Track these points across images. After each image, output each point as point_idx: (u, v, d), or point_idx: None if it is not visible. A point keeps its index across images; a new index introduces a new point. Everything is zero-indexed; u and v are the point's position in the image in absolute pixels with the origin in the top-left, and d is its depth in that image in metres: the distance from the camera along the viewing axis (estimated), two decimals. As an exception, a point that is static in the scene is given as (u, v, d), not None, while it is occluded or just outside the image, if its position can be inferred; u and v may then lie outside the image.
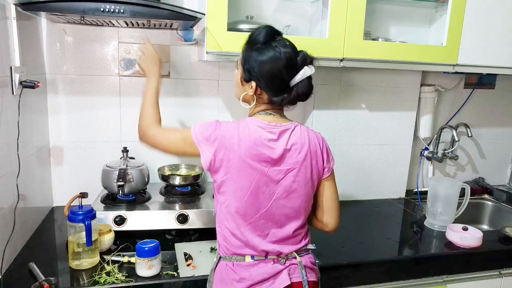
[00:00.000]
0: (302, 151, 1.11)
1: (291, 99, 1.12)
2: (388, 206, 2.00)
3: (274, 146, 1.08)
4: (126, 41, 1.72)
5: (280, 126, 1.11)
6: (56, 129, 1.72)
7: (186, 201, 1.60)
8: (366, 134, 1.99)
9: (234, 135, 1.07)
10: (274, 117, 1.13)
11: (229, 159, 1.06)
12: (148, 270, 1.22)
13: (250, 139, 1.07)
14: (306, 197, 1.14)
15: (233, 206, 1.09)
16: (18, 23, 1.33)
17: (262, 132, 1.08)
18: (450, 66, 1.73)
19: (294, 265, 1.12)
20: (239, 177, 1.07)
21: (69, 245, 1.27)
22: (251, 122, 1.11)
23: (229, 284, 1.09)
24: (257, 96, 1.13)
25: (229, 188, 1.08)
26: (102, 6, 1.26)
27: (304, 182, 1.12)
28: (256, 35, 1.11)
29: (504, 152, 2.35)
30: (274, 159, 1.08)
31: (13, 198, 1.28)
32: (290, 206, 1.11)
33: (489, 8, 1.71)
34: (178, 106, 1.82)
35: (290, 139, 1.10)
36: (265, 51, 1.08)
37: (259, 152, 1.06)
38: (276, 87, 1.10)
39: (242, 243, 1.10)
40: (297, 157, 1.10)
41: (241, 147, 1.06)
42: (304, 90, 1.11)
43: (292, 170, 1.10)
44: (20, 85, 1.30)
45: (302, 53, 1.10)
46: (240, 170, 1.06)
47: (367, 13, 1.58)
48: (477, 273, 1.56)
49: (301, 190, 1.12)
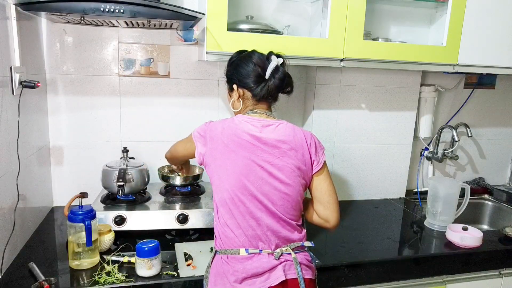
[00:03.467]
0: (286, 142, 1.17)
1: (270, 89, 1.21)
2: (388, 206, 2.00)
3: (257, 135, 1.16)
4: (126, 41, 1.72)
5: (264, 121, 1.20)
6: (56, 129, 1.72)
7: (186, 201, 1.60)
8: (366, 134, 1.99)
9: (219, 127, 1.19)
10: (260, 115, 1.23)
11: (215, 147, 1.16)
12: (148, 270, 1.22)
13: (232, 128, 1.17)
14: (292, 186, 1.16)
15: (223, 192, 1.14)
16: (18, 23, 1.33)
17: (246, 125, 1.18)
18: (450, 66, 1.73)
19: (289, 262, 1.13)
20: (225, 163, 1.14)
21: (69, 245, 1.27)
22: (237, 117, 1.22)
23: (223, 277, 1.11)
24: (242, 98, 1.25)
25: (218, 175, 1.15)
26: (102, 6, 1.26)
27: (290, 171, 1.15)
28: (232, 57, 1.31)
29: (504, 152, 2.36)
30: (258, 146, 1.14)
31: (13, 198, 1.28)
32: (276, 192, 1.14)
33: (489, 8, 1.72)
34: (178, 106, 1.82)
35: (274, 133, 1.18)
36: (237, 58, 1.27)
37: (241, 139, 1.14)
38: (253, 80, 1.20)
39: (234, 233, 1.13)
40: (281, 147, 1.16)
41: (224, 135, 1.16)
42: (280, 76, 1.20)
43: (277, 158, 1.15)
44: (20, 85, 1.30)
45: (269, 52, 1.25)
46: (225, 156, 1.14)
47: (367, 13, 1.58)
48: (477, 273, 1.56)
49: (286, 178, 1.15)
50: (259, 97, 1.22)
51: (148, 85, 1.78)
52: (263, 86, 1.20)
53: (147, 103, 1.79)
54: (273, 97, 1.25)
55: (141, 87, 1.77)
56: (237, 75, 1.24)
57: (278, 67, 1.21)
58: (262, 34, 1.53)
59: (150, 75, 1.77)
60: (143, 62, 1.75)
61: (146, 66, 1.76)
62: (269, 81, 1.20)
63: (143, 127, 1.81)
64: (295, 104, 1.96)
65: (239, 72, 1.23)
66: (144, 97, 1.78)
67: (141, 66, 1.76)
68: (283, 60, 1.23)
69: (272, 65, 1.19)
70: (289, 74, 1.24)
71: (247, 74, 1.21)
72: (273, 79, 1.20)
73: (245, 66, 1.22)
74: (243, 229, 1.13)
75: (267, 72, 1.19)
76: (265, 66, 1.20)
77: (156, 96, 1.79)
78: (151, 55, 1.76)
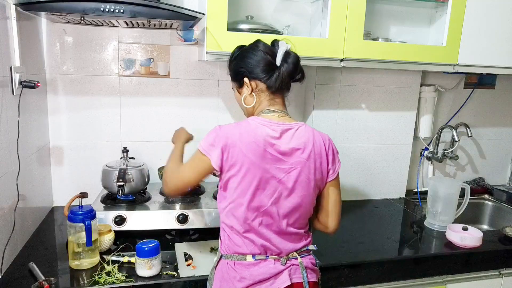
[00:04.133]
0: (305, 151, 1.11)
1: (284, 77, 1.12)
2: (388, 206, 2.00)
3: (276, 143, 1.08)
4: (126, 41, 1.72)
5: (283, 125, 1.12)
6: (56, 129, 1.72)
7: (186, 201, 1.60)
8: (366, 134, 1.99)
9: (236, 132, 1.08)
10: (278, 116, 1.15)
11: (233, 156, 1.07)
12: (148, 270, 1.22)
13: (251, 135, 1.07)
14: (307, 198, 1.13)
15: (237, 203, 1.09)
16: (18, 23, 1.33)
17: (264, 129, 1.09)
18: (450, 66, 1.73)
19: (295, 266, 1.12)
20: (243, 173, 1.07)
21: (69, 245, 1.27)
22: (253, 120, 1.12)
23: (230, 283, 1.09)
24: (256, 92, 1.16)
25: (233, 184, 1.09)
26: (102, 6, 1.25)
27: (306, 183, 1.12)
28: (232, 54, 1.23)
29: (504, 152, 2.35)
30: (276, 157, 1.08)
31: (13, 198, 1.28)
32: (291, 205, 1.11)
33: (489, 8, 1.72)
34: (178, 106, 1.82)
35: (293, 139, 1.11)
36: (241, 51, 1.19)
37: (261, 149, 1.07)
38: (265, 69, 1.12)
39: (243, 241, 1.11)
40: (299, 156, 1.10)
41: (242, 143, 1.06)
42: (293, 60, 1.13)
43: (294, 170, 1.09)
44: (20, 85, 1.30)
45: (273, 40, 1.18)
46: (244, 167, 1.06)
47: (367, 13, 1.58)
48: (477, 273, 1.56)
49: (302, 190, 1.11)
50: (274, 88, 1.14)
51: (148, 85, 1.78)
52: (277, 75, 1.12)
53: (147, 103, 1.79)
54: (287, 87, 1.17)
55: (141, 87, 1.77)
56: (246, 66, 1.15)
57: (289, 51, 1.13)
58: (262, 34, 1.53)
59: (150, 75, 1.77)
60: (143, 62, 1.75)
61: (146, 66, 1.76)
62: (281, 67, 1.12)
63: (143, 127, 1.81)
64: (295, 104, 1.96)
65: (247, 63, 1.15)
66: (144, 97, 1.78)
67: (141, 66, 1.75)
68: (290, 45, 1.15)
69: (282, 50, 1.12)
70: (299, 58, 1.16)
71: (257, 64, 1.13)
72: (285, 64, 1.12)
73: (253, 56, 1.14)
74: (253, 240, 1.10)
75: (278, 58, 1.12)
76: (274, 53, 1.13)
77: (156, 96, 1.79)
78: (151, 55, 1.76)
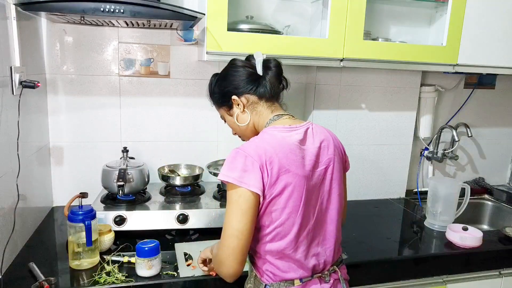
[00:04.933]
0: (329, 146, 1.08)
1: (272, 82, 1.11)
2: (388, 206, 2.00)
3: (306, 147, 1.04)
4: (126, 41, 1.72)
5: (300, 127, 1.08)
6: (56, 129, 1.72)
7: (186, 201, 1.60)
8: (366, 134, 1.99)
9: (266, 147, 0.99)
10: (290, 119, 1.11)
11: (273, 174, 0.96)
12: (148, 270, 1.22)
13: (284, 146, 1.00)
14: (341, 196, 1.10)
15: (287, 224, 0.99)
16: (18, 23, 1.32)
17: (291, 136, 1.03)
18: (450, 66, 1.73)
19: (336, 281, 1.09)
20: (289, 191, 0.98)
21: (69, 245, 1.27)
22: (272, 130, 1.05)
23: None
24: (250, 106, 1.13)
25: (279, 205, 0.98)
26: (102, 6, 1.25)
27: (339, 179, 1.09)
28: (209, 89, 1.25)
29: (504, 152, 2.36)
30: (312, 160, 1.03)
31: (13, 198, 1.28)
32: (332, 208, 1.07)
33: (489, 8, 1.71)
34: (178, 106, 1.82)
35: (315, 137, 1.07)
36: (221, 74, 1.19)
37: (299, 158, 1.00)
38: (250, 80, 1.11)
39: (291, 265, 1.02)
40: (328, 153, 1.07)
41: (280, 156, 0.98)
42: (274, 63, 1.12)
43: (328, 168, 1.06)
44: (20, 85, 1.30)
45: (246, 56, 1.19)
46: (289, 183, 0.97)
47: (367, 13, 1.58)
48: (477, 273, 1.56)
49: (338, 188, 1.08)
50: (268, 95, 1.11)
51: (148, 85, 1.78)
52: (264, 83, 1.10)
53: (147, 103, 1.79)
54: (279, 91, 1.15)
55: (141, 87, 1.77)
56: (231, 84, 1.13)
57: (266, 58, 1.13)
58: (262, 34, 1.53)
59: (150, 75, 1.77)
60: (143, 62, 1.75)
61: (146, 66, 1.76)
62: (266, 75, 1.11)
63: (143, 127, 1.81)
64: (295, 104, 1.96)
65: (231, 81, 1.13)
66: (144, 97, 1.78)
67: (141, 66, 1.75)
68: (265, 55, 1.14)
69: (258, 60, 1.12)
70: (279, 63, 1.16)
71: (240, 78, 1.12)
72: (269, 70, 1.12)
73: (234, 73, 1.14)
74: (301, 261, 1.03)
75: (258, 68, 1.11)
76: (253, 65, 1.13)
77: (156, 96, 1.79)
78: (151, 55, 1.75)
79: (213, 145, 1.90)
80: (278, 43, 1.52)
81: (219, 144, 1.90)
